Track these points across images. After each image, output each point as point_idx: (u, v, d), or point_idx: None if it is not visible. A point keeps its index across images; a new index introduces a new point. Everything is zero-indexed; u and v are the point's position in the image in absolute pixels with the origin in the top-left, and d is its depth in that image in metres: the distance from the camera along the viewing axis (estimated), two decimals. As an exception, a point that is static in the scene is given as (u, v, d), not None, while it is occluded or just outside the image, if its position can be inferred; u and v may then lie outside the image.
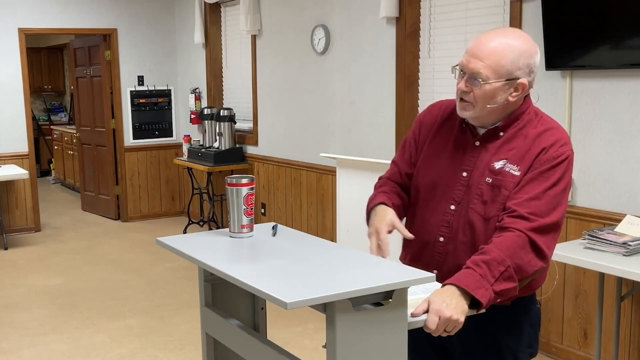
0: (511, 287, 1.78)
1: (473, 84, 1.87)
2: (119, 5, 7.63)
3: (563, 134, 1.92)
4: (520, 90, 1.89)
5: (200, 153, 6.89)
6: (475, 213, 1.92)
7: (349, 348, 1.65)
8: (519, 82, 1.87)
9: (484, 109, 1.89)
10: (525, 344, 2.00)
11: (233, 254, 2.05)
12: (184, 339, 4.34)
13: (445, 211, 1.97)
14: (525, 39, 1.90)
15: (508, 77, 1.86)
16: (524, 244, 1.79)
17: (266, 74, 6.29)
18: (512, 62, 1.85)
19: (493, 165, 1.91)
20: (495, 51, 1.85)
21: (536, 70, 1.91)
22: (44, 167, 11.47)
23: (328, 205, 5.53)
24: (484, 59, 1.85)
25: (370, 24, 4.93)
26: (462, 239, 1.94)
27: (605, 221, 3.51)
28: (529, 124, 1.93)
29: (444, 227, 1.97)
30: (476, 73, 1.86)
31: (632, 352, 3.53)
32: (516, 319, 1.98)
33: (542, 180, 1.84)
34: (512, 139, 1.92)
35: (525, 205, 1.82)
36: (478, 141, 1.96)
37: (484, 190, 1.91)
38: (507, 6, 3.98)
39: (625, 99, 3.43)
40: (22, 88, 7.20)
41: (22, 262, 6.26)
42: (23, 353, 4.17)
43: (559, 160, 1.86)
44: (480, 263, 1.77)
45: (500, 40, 1.87)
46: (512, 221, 1.82)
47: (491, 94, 1.86)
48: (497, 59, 1.84)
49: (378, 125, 4.92)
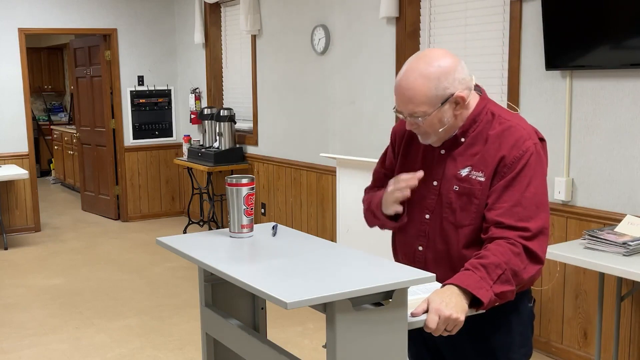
0: (509, 290, 1.81)
1: (416, 122, 1.92)
2: (119, 5, 7.63)
3: (521, 131, 1.92)
4: (461, 102, 1.91)
5: (200, 153, 6.89)
6: (447, 222, 1.96)
7: (349, 348, 1.65)
8: (455, 96, 1.90)
9: (438, 133, 1.94)
10: (517, 343, 2.00)
11: (233, 254, 2.05)
12: (184, 339, 4.34)
13: (422, 220, 2.02)
14: (437, 59, 1.90)
15: (442, 100, 1.89)
16: (518, 252, 1.82)
17: (266, 74, 6.29)
18: (437, 88, 1.88)
19: (459, 172, 1.95)
20: (418, 89, 1.88)
21: (467, 76, 1.92)
22: (44, 167, 11.47)
23: (328, 205, 5.53)
24: (411, 100, 1.89)
25: (370, 24, 4.93)
26: (439, 247, 1.98)
27: (605, 221, 3.51)
28: (488, 125, 1.95)
29: (421, 237, 2.02)
30: (413, 113, 1.91)
31: (632, 352, 3.53)
32: (505, 318, 1.98)
33: (517, 185, 1.87)
34: (473, 144, 1.95)
35: (509, 214, 1.85)
36: (443, 149, 2.00)
37: (453, 199, 1.95)
38: (507, 6, 3.98)
39: (625, 99, 3.43)
40: (22, 88, 7.20)
41: (22, 262, 6.26)
42: (23, 353, 4.17)
43: (523, 160, 1.88)
44: (478, 266, 1.79)
45: (415, 77, 1.88)
46: (502, 232, 1.85)
47: (437, 120, 1.91)
48: (423, 94, 1.87)
49: (378, 125, 4.92)
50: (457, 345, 2.01)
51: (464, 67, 1.93)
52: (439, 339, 1.89)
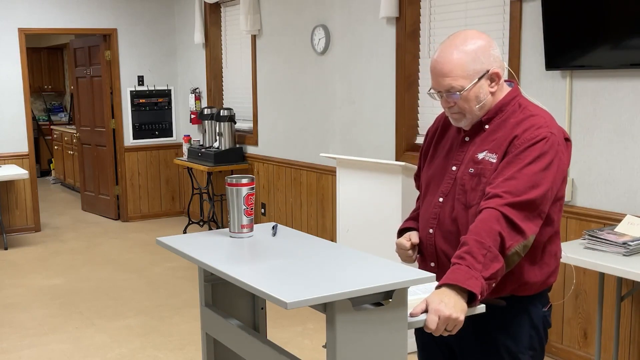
0: (500, 267, 1.79)
1: (453, 98, 1.93)
2: (119, 5, 7.63)
3: (540, 120, 1.93)
4: (496, 79, 1.95)
5: (200, 153, 6.89)
6: (459, 202, 1.97)
7: (349, 348, 1.65)
8: (491, 72, 1.93)
9: (473, 112, 1.95)
10: (526, 345, 1.99)
11: (233, 254, 2.05)
12: (184, 339, 4.34)
13: (435, 204, 2.04)
14: (474, 38, 1.94)
15: (479, 75, 1.92)
16: (496, 217, 1.80)
17: (266, 74, 6.29)
18: (475, 61, 1.91)
19: (476, 156, 1.96)
20: (456, 63, 1.91)
21: (500, 57, 1.97)
22: (44, 167, 11.47)
23: (328, 205, 5.53)
24: (449, 74, 1.91)
25: (370, 24, 4.93)
26: (448, 228, 1.99)
27: (605, 221, 3.51)
28: (512, 115, 1.96)
29: (432, 219, 2.04)
30: (450, 88, 1.92)
31: (632, 352, 3.53)
32: (514, 318, 1.97)
33: (517, 162, 1.86)
34: (496, 130, 1.96)
35: (500, 185, 1.85)
36: (467, 136, 2.02)
37: (466, 180, 1.96)
38: (507, 6, 3.98)
39: (625, 99, 3.43)
40: (22, 88, 7.20)
41: (22, 262, 6.26)
42: (23, 353, 4.17)
43: (533, 141, 1.87)
44: (463, 255, 1.79)
45: (452, 51, 1.93)
46: (486, 202, 1.84)
47: (473, 96, 1.93)
48: (460, 67, 1.90)
49: (378, 125, 4.93)
50: (464, 343, 2.02)
51: (497, 47, 1.97)
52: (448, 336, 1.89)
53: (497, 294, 1.93)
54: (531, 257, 1.93)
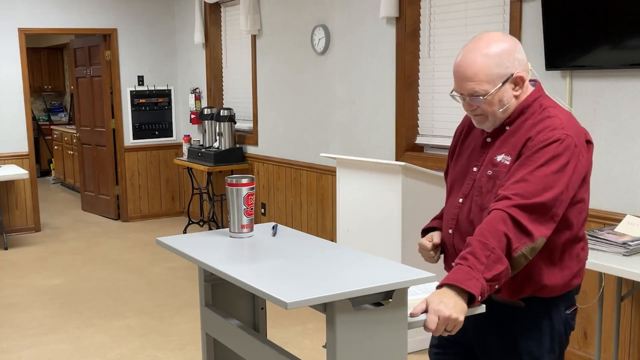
0: (503, 269, 1.76)
1: (476, 102, 1.91)
2: (119, 5, 7.63)
3: (556, 121, 1.89)
4: (520, 83, 1.92)
5: (200, 153, 6.89)
6: (475, 204, 1.97)
7: (349, 348, 1.65)
8: (515, 76, 1.91)
9: (497, 115, 1.93)
10: (547, 348, 1.97)
11: (233, 254, 2.05)
12: (184, 339, 4.34)
13: (455, 205, 2.04)
14: (498, 40, 1.91)
15: (503, 79, 1.89)
16: (503, 219, 1.78)
17: (266, 74, 6.28)
18: (499, 66, 1.88)
19: (495, 158, 1.95)
20: (479, 67, 1.88)
21: (525, 59, 1.95)
22: (44, 167, 11.47)
23: (328, 205, 5.53)
24: (472, 78, 1.89)
25: (370, 24, 4.93)
26: (465, 229, 1.98)
27: (605, 221, 3.51)
28: (532, 116, 1.94)
29: (452, 220, 2.04)
30: (473, 93, 1.90)
31: (632, 352, 3.53)
32: (535, 321, 1.96)
33: (529, 164, 1.84)
34: (515, 132, 1.94)
35: (510, 187, 1.83)
36: (489, 137, 2.01)
37: (483, 182, 1.96)
38: (507, 6, 3.98)
39: (625, 99, 3.43)
40: (22, 88, 7.20)
41: (22, 262, 6.26)
42: (23, 353, 4.17)
43: (546, 142, 1.84)
44: (466, 256, 1.78)
45: (476, 55, 1.89)
46: (495, 204, 1.83)
47: (497, 100, 1.91)
48: (484, 72, 1.88)
49: (378, 125, 4.92)
50: (484, 344, 2.02)
51: (522, 50, 1.94)
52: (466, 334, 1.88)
53: (516, 296, 1.92)
54: (549, 260, 1.91)
